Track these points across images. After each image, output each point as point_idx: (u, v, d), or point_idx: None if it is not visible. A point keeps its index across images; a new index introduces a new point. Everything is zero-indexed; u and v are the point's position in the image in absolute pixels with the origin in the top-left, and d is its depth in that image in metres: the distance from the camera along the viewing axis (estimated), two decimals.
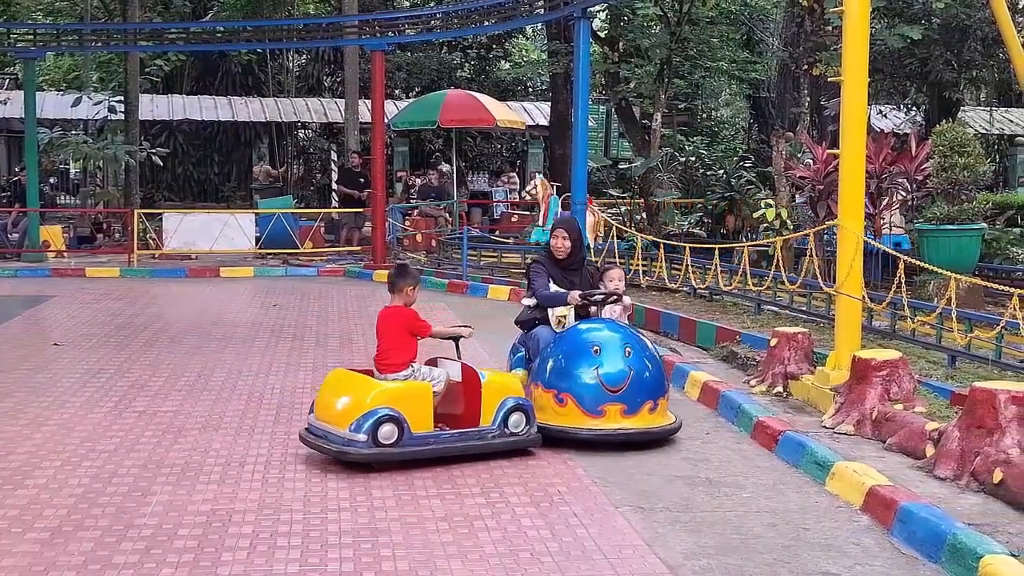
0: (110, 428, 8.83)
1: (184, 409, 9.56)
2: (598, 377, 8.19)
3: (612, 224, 18.85)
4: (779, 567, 5.90)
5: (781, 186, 17.11)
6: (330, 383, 8.19)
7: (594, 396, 8.18)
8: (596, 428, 8.18)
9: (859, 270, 9.71)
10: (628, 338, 8.48)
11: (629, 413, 8.21)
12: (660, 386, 8.47)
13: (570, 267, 9.11)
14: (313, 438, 7.91)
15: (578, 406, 8.19)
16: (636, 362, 8.30)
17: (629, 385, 8.20)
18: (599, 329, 8.52)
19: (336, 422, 7.73)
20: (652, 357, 8.52)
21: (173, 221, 23.51)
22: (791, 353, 10.15)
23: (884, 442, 8.19)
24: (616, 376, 8.21)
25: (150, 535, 6.28)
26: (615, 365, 8.24)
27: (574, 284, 8.99)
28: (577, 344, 8.38)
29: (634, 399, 8.22)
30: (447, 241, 23.26)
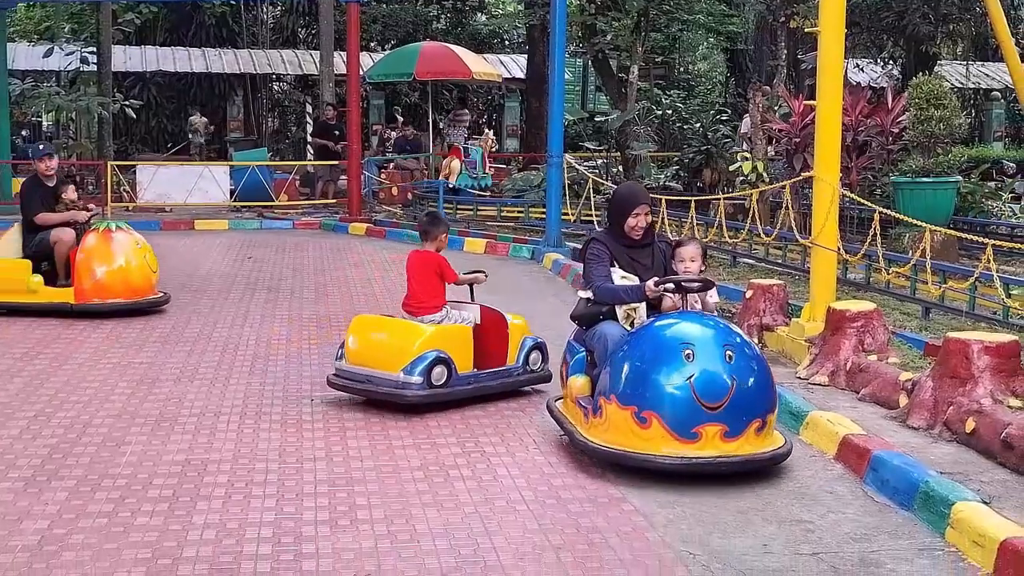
0: (84, 379, 8.79)
1: (158, 360, 9.53)
2: (692, 389, 6.27)
3: (589, 177, 18.80)
4: (752, 515, 5.93)
5: (757, 139, 17.10)
6: (362, 328, 8.34)
7: (687, 414, 6.26)
8: (690, 456, 6.26)
9: (835, 222, 9.73)
10: (726, 336, 6.55)
11: (732, 435, 6.30)
12: (768, 399, 6.57)
13: (640, 244, 7.09)
14: (354, 383, 8.08)
15: (665, 428, 6.27)
16: (740, 369, 6.38)
17: (732, 399, 6.27)
18: (687, 325, 6.59)
19: (384, 366, 7.94)
20: (758, 360, 6.64)
21: (147, 173, 23.34)
22: (766, 305, 10.17)
23: (858, 392, 8.23)
24: (715, 388, 6.28)
25: (125, 484, 6.27)
26: (714, 373, 6.31)
27: (644, 268, 6.98)
28: (662, 345, 6.45)
29: (738, 417, 6.32)
30: (423, 194, 23.17)
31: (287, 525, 5.69)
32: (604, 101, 29.37)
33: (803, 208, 14.19)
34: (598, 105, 31.42)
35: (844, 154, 13.04)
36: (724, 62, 35.80)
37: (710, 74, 37.14)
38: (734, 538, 5.59)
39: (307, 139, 31.05)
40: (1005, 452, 6.54)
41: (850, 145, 15.21)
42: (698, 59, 37.28)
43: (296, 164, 26.67)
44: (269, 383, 8.80)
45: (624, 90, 21.50)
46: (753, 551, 5.41)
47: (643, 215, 6.99)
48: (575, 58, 30.87)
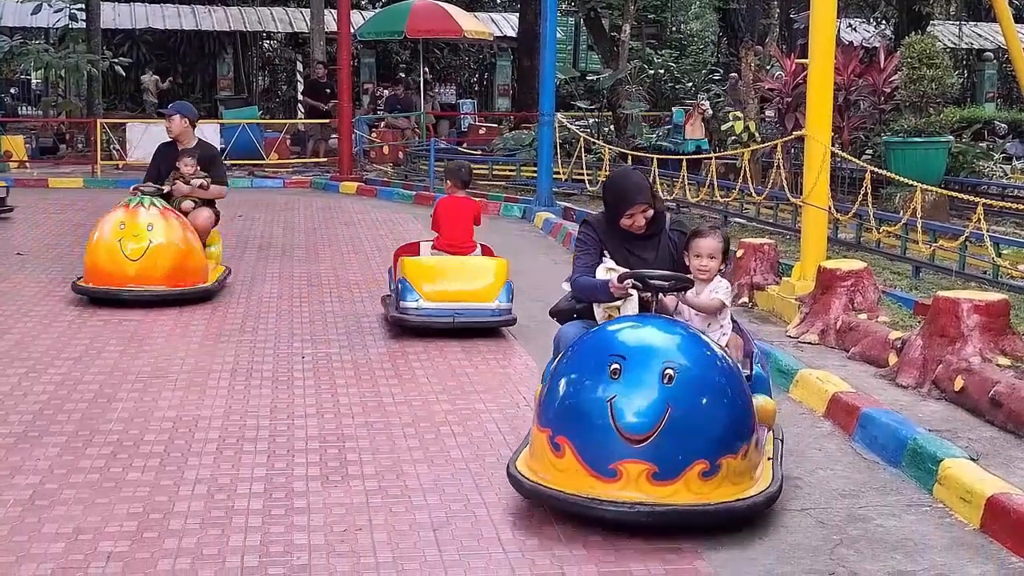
0: (75, 337, 8.78)
1: (148, 318, 9.51)
2: (610, 414, 4.93)
3: (580, 136, 18.75)
4: None
5: (748, 98, 17.06)
6: (430, 270, 9.11)
7: (603, 445, 4.93)
8: (603, 500, 4.90)
9: (826, 181, 9.74)
10: (681, 350, 5.13)
11: (662, 478, 4.88)
12: (729, 435, 5.05)
13: (643, 236, 5.85)
14: (440, 318, 8.89)
15: (579, 459, 4.98)
16: (683, 394, 4.97)
17: (664, 432, 4.88)
18: (631, 332, 5.28)
19: (473, 298, 9.02)
20: (721, 384, 5.14)
21: (136, 132, 23.23)
22: (757, 264, 10.19)
23: (847, 351, 8.26)
24: (641, 415, 4.92)
25: (116, 440, 6.27)
26: (640, 396, 4.95)
27: (643, 263, 5.75)
28: (589, 356, 5.22)
29: (672, 456, 4.90)
30: (414, 153, 23.11)
31: (278, 481, 5.71)
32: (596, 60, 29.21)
33: (794, 168, 14.19)
34: (590, 64, 31.27)
35: (836, 114, 13.03)
36: (716, 21, 35.64)
37: (702, 33, 36.88)
38: None
39: (298, 97, 30.91)
40: (993, 410, 6.57)
41: (842, 105, 15.18)
42: (690, 18, 37.00)
43: (287, 123, 26.57)
44: (260, 340, 8.80)
45: (616, 49, 21.41)
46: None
47: (639, 214, 5.72)
48: (567, 17, 30.70)
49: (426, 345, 8.66)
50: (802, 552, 4.93)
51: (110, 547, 4.82)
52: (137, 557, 4.73)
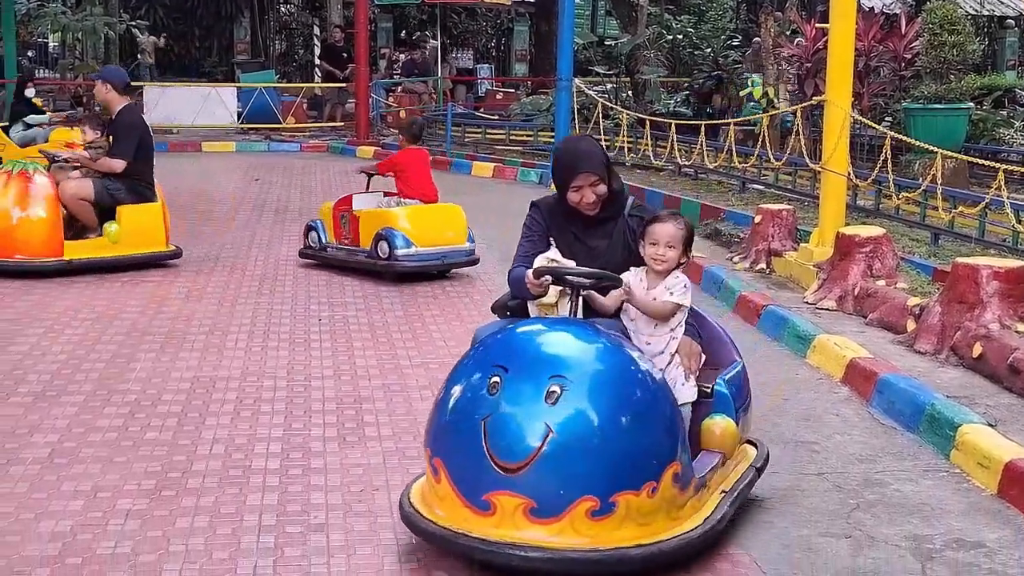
0: (93, 298, 8.81)
1: (166, 280, 9.54)
2: (483, 436, 4.10)
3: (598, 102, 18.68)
4: (759, 436, 5.92)
5: (768, 64, 16.96)
6: (420, 219, 9.79)
7: (474, 472, 4.13)
8: (475, 536, 4.08)
9: (845, 147, 9.68)
10: (576, 361, 4.23)
11: (542, 515, 4.02)
12: (624, 470, 4.08)
13: (595, 219, 4.92)
14: (431, 262, 9.73)
15: (453, 486, 4.19)
16: (571, 416, 4.07)
17: (542, 460, 4.02)
18: (528, 336, 4.43)
19: (457, 241, 9.88)
20: (626, 409, 4.18)
21: (154, 95, 23.26)
22: (775, 230, 10.15)
23: (866, 317, 8.23)
24: (514, 439, 4.07)
25: (134, 400, 6.30)
26: (517, 416, 4.10)
27: (592, 252, 4.88)
28: (474, 365, 4.39)
29: (552, 490, 4.03)
30: (431, 118, 23.06)
31: (296, 441, 5.72)
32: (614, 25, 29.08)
33: (813, 134, 14.11)
34: (608, 29, 31.12)
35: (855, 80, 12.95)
36: None
37: None
38: None
39: (315, 61, 30.82)
40: (1011, 377, 6.54)
41: (862, 71, 15.08)
42: None
43: (303, 87, 26.53)
44: (277, 303, 8.82)
45: (634, 14, 21.32)
46: None
47: (587, 188, 4.78)
48: None
49: (443, 308, 8.68)
50: (819, 516, 4.93)
51: (129, 505, 4.84)
52: (155, 515, 4.75)
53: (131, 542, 4.47)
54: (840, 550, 4.58)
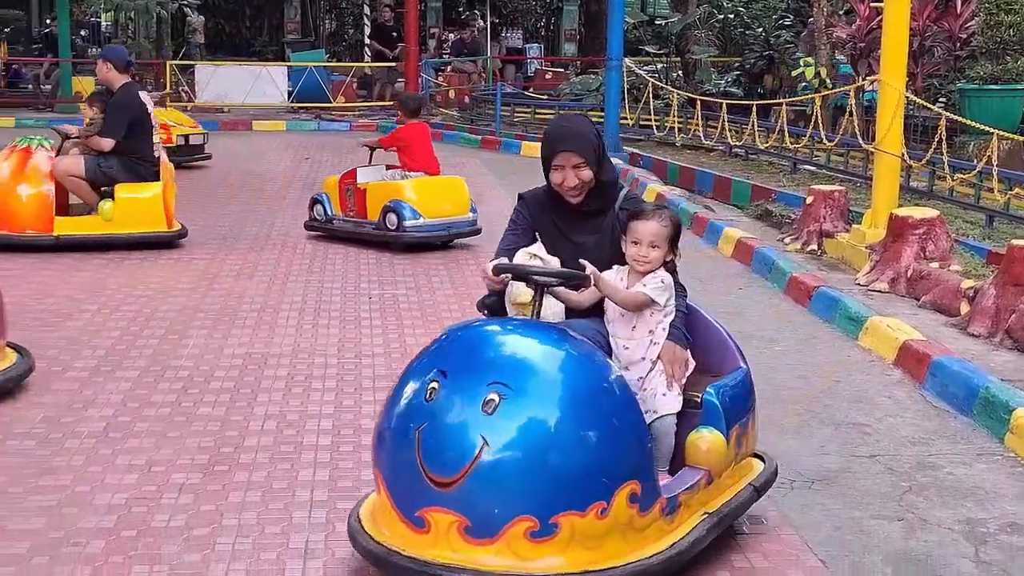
0: (146, 275, 8.89)
1: (218, 258, 9.61)
2: (416, 447, 3.73)
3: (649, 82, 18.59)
4: (809, 418, 5.93)
5: (821, 44, 16.81)
6: (427, 192, 10.08)
7: (409, 486, 3.77)
8: (408, 555, 3.72)
9: (899, 127, 9.58)
10: (522, 366, 3.81)
11: (477, 535, 3.65)
12: (568, 488, 3.67)
13: (584, 211, 4.47)
14: (438, 232, 10.08)
15: (390, 499, 3.85)
16: (504, 425, 3.67)
17: (474, 475, 3.64)
18: (474, 337, 4.03)
19: (456, 213, 10.19)
20: (576, 421, 3.74)
21: (205, 73, 23.39)
22: (827, 211, 10.08)
23: (918, 300, 8.16)
24: (447, 450, 3.69)
25: (187, 376, 6.35)
26: (451, 426, 3.72)
27: (577, 248, 4.42)
28: (419, 368, 3.99)
29: (487, 508, 3.65)
30: (480, 97, 23.06)
31: (346, 418, 5.75)
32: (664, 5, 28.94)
33: (866, 115, 13.98)
34: (659, 9, 30.95)
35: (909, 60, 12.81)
36: None
37: None
38: (791, 440, 5.59)
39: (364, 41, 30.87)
40: None
41: (916, 51, 14.91)
42: None
43: (353, 66, 26.56)
44: (327, 280, 8.86)
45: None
46: (810, 452, 5.42)
47: (569, 169, 4.33)
48: None
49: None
50: (871, 498, 4.90)
51: (182, 479, 4.89)
52: (208, 489, 4.80)
53: (184, 516, 4.52)
54: (892, 533, 4.56)
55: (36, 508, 4.57)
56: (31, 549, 4.21)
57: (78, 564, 4.10)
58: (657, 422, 4.19)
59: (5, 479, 4.86)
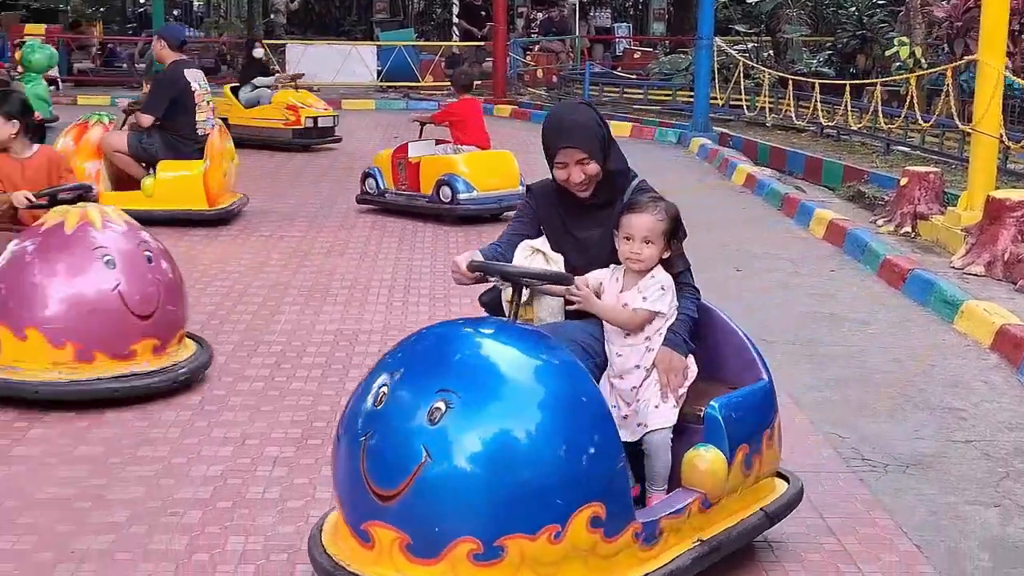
0: (238, 251, 9.01)
1: (309, 235, 9.70)
2: (362, 459, 3.45)
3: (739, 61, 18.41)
4: (903, 401, 5.85)
5: (916, 23, 16.52)
6: (480, 165, 10.37)
7: (355, 499, 3.50)
8: (357, 572, 3.46)
9: (998, 108, 9.39)
10: (476, 371, 3.47)
11: (418, 554, 3.36)
12: (517, 509, 3.32)
13: (592, 204, 4.10)
14: (489, 206, 10.32)
15: (341, 512, 3.63)
16: (449, 437, 3.34)
17: (412, 490, 3.34)
18: (431, 337, 3.70)
19: (506, 186, 10.41)
20: (533, 433, 3.36)
21: (295, 53, 23.58)
22: (921, 193, 9.91)
23: (1015, 284, 8.00)
24: (389, 463, 3.40)
25: (279, 351, 6.43)
26: (395, 435, 3.41)
27: (580, 245, 4.11)
28: (375, 371, 3.66)
29: (424, 525, 3.35)
30: (568, 77, 23.00)
31: None
32: None
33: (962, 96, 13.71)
34: None
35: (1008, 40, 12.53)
36: None
37: None
38: (884, 423, 5.52)
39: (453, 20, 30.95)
40: None
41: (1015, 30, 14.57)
42: None
43: (442, 45, 26.64)
44: (417, 258, 8.91)
45: None
46: (904, 436, 5.35)
47: (573, 165, 3.99)
48: None
49: None
50: (966, 483, 4.83)
51: (276, 452, 4.96)
52: (302, 463, 4.86)
53: (279, 488, 4.59)
54: (989, 519, 4.49)
55: (135, 478, 4.67)
56: (130, 518, 4.30)
57: (175, 533, 4.18)
58: (648, 436, 3.82)
59: (104, 450, 4.97)
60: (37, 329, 5.40)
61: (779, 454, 4.13)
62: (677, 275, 3.99)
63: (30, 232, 5.68)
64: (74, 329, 5.42)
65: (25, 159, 6.28)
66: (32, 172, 6.25)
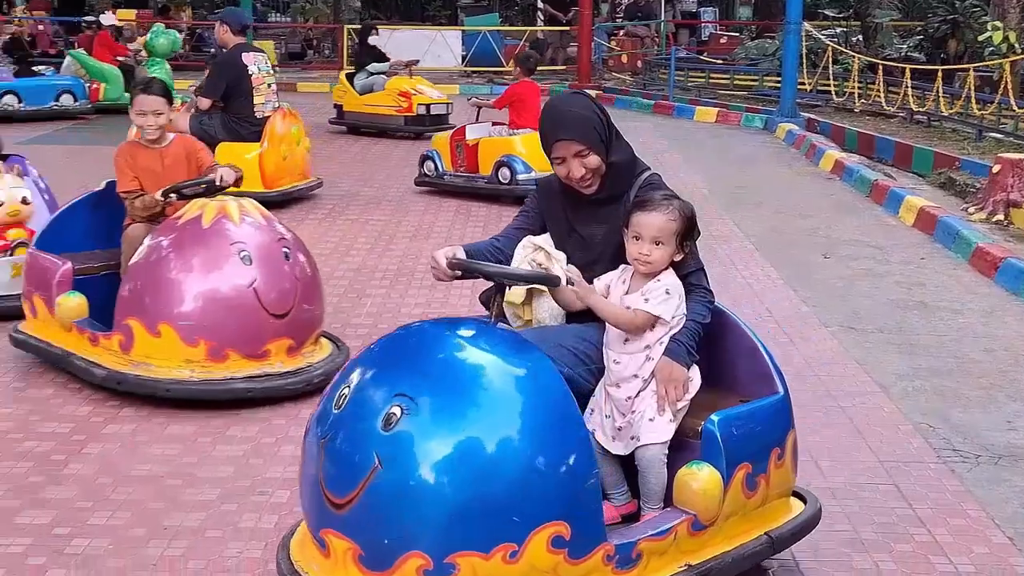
0: (325, 234, 9.09)
1: (394, 219, 9.76)
2: (320, 464, 3.30)
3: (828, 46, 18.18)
4: (995, 391, 5.74)
5: (1010, 7, 16.19)
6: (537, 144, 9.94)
7: (315, 505, 3.36)
8: None
9: None
10: (438, 375, 3.26)
11: (371, 567, 3.18)
12: (472, 524, 3.11)
13: (598, 200, 3.83)
14: None
15: (305, 518, 3.50)
16: (402, 445, 3.15)
17: (362, 499, 3.17)
18: (395, 338, 3.50)
19: None
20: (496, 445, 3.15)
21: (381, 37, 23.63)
22: (1015, 180, 9.71)
23: None
24: (343, 470, 3.23)
25: (366, 333, 6.47)
26: (350, 440, 3.25)
27: (585, 242, 3.84)
28: (343, 373, 3.48)
29: (374, 536, 3.17)
30: (653, 62, 22.87)
31: None
32: None
33: None
34: None
35: None
36: None
37: None
38: (976, 413, 5.43)
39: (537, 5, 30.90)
40: None
41: None
42: None
43: (527, 30, 26.61)
44: None
45: None
46: (996, 427, 5.25)
47: (572, 159, 3.74)
48: None
49: None
50: None
51: None
52: None
53: None
54: None
55: (224, 458, 4.74)
56: (220, 496, 4.37)
57: (264, 512, 4.23)
58: (640, 451, 3.54)
59: (195, 429, 5.06)
60: (170, 325, 5.26)
61: (793, 474, 3.82)
62: (687, 276, 3.66)
63: (167, 225, 5.52)
64: (207, 326, 5.27)
65: (163, 148, 5.97)
66: (171, 161, 5.96)
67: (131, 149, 5.96)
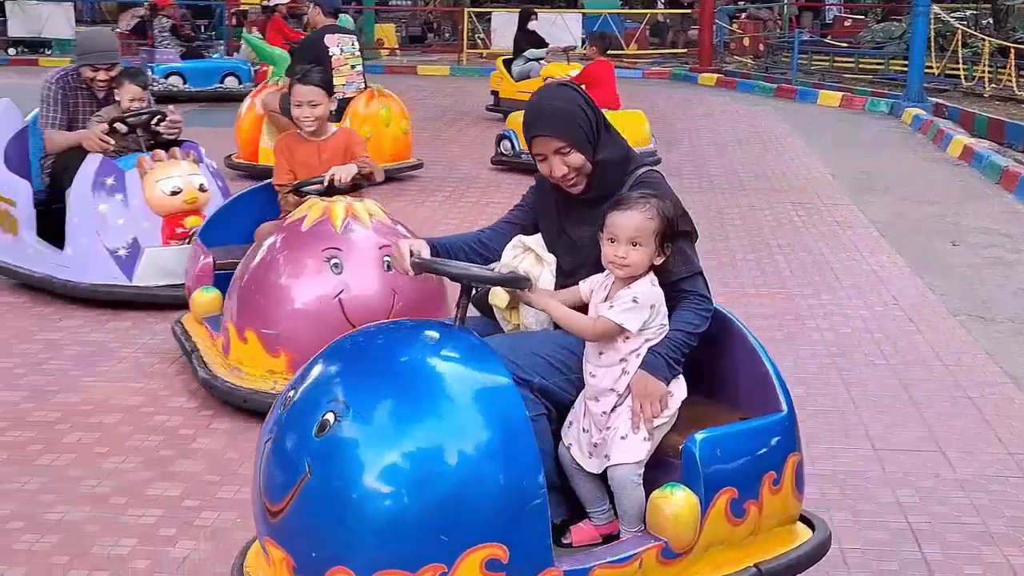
0: (444, 217, 9.13)
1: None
2: (261, 469, 3.14)
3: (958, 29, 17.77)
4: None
5: None
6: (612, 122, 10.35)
7: (256, 513, 3.19)
8: None
9: None
10: (372, 382, 3.02)
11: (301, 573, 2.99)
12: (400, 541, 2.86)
13: (588, 200, 3.51)
14: None
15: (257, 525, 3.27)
16: (332, 453, 2.93)
17: (293, 508, 2.97)
18: (345, 342, 3.29)
19: (643, 143, 10.80)
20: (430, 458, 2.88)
21: (501, 20, 23.75)
22: None
23: None
24: (277, 475, 3.05)
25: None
26: (286, 446, 3.05)
27: (573, 244, 3.52)
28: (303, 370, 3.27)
29: (303, 547, 2.97)
30: (776, 45, 22.58)
31: None
32: None
33: None
34: None
35: None
36: None
37: None
38: None
39: None
40: None
41: None
42: None
43: (647, 13, 26.46)
44: None
45: None
46: None
47: (553, 157, 3.45)
48: None
49: (790, 238, 8.52)
50: None
51: None
52: None
53: None
54: None
55: None
56: None
57: None
58: (611, 471, 3.24)
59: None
60: (255, 333, 5.01)
61: (794, 501, 3.41)
62: (676, 282, 3.33)
63: (277, 226, 5.27)
64: (288, 337, 4.91)
65: (321, 142, 5.62)
66: (328, 154, 5.56)
67: (290, 141, 5.70)
